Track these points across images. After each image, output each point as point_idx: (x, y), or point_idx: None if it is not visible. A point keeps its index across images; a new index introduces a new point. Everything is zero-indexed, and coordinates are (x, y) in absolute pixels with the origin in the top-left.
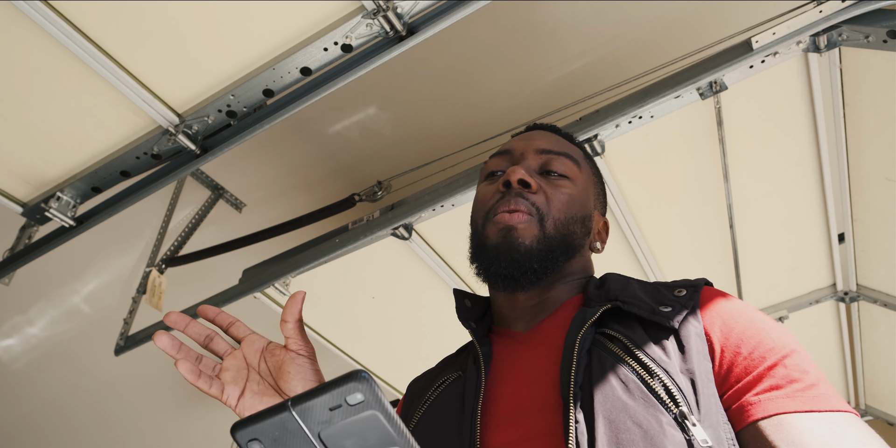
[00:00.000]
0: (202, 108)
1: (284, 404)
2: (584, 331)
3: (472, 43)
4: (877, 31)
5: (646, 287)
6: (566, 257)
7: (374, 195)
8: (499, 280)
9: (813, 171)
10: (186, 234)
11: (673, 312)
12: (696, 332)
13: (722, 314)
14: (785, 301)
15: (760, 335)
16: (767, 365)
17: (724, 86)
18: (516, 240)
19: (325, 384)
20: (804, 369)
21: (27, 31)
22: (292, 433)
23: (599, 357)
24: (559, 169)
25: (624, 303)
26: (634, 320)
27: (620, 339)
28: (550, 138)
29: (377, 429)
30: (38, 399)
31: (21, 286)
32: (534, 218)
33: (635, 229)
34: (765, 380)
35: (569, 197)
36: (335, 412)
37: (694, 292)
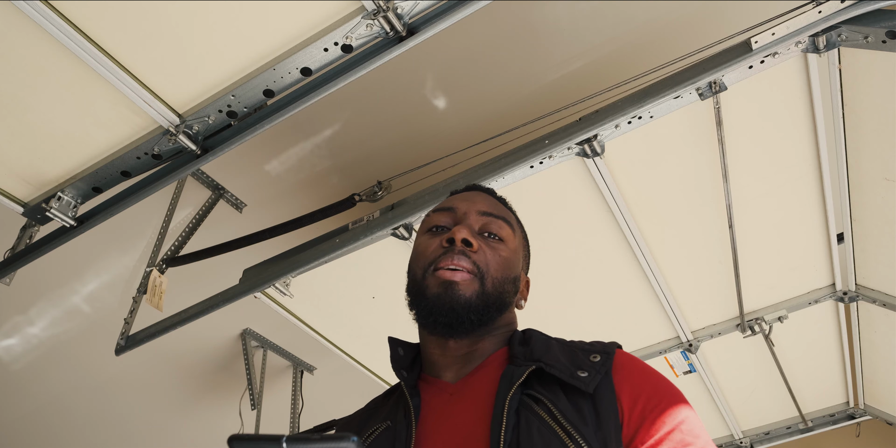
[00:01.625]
0: (203, 109)
1: (280, 438)
2: (513, 391)
3: (472, 43)
4: (876, 32)
5: (564, 348)
6: (499, 312)
7: (374, 195)
8: (437, 327)
9: (812, 171)
10: (187, 234)
11: (589, 378)
12: (609, 398)
13: (630, 380)
14: (784, 301)
15: (663, 402)
16: (667, 430)
17: (724, 86)
18: (457, 293)
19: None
20: (696, 434)
21: (27, 31)
22: None
23: (527, 418)
24: (498, 232)
25: (547, 365)
26: (555, 382)
27: (545, 402)
28: (490, 201)
29: None
30: (38, 399)
31: (22, 286)
32: (475, 276)
33: (635, 229)
34: (664, 443)
35: (504, 259)
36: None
37: (607, 359)
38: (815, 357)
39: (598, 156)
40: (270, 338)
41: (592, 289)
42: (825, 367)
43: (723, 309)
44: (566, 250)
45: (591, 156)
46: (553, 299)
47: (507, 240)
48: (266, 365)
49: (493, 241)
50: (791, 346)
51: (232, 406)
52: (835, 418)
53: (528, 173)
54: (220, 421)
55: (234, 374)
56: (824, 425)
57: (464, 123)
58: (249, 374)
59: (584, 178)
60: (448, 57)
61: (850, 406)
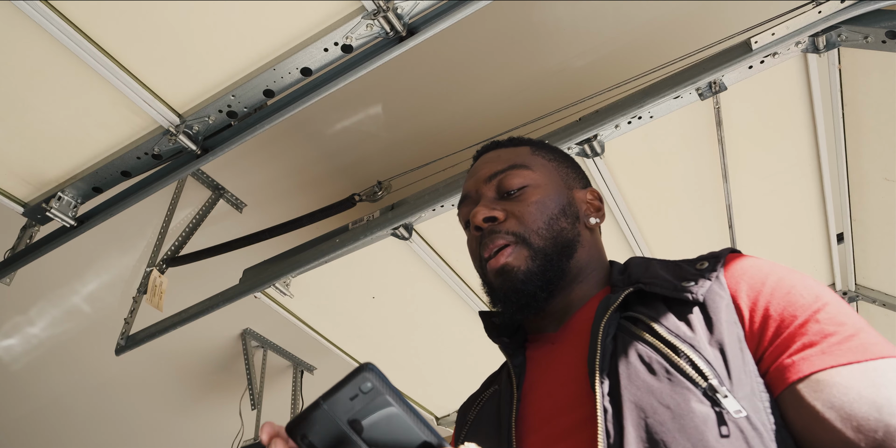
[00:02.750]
0: (203, 109)
1: (317, 403)
2: (608, 317)
3: (473, 43)
4: (876, 32)
5: (668, 265)
6: (567, 258)
7: (374, 195)
8: (519, 312)
9: (812, 171)
10: (187, 234)
11: (696, 286)
12: (724, 302)
13: (747, 278)
14: None
15: (789, 293)
16: (799, 322)
17: (724, 86)
18: (512, 271)
19: (342, 380)
20: (840, 321)
21: (27, 31)
22: (328, 423)
23: (624, 342)
24: (513, 184)
25: (646, 284)
26: (659, 300)
27: (644, 320)
28: (492, 159)
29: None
30: (38, 399)
31: (22, 286)
32: (517, 243)
33: (635, 229)
34: (798, 338)
35: (536, 204)
36: (355, 400)
37: (716, 262)
38: None
39: (598, 156)
40: (270, 338)
41: None
42: None
43: None
44: None
45: (591, 156)
46: None
47: (530, 181)
48: (266, 365)
49: (516, 194)
50: None
51: (232, 406)
52: None
53: None
54: (220, 421)
55: (234, 374)
56: None
57: (464, 123)
58: (249, 374)
59: None
60: (448, 57)
61: None
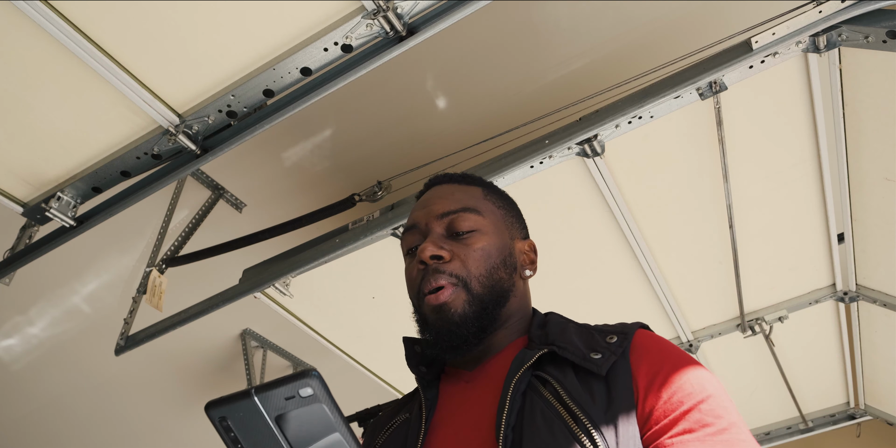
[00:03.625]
0: (202, 109)
1: (249, 392)
2: (521, 373)
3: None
4: (876, 32)
5: (582, 332)
6: (500, 306)
7: (374, 195)
8: (448, 353)
9: (813, 171)
10: (187, 234)
11: (602, 360)
12: (623, 379)
13: (648, 359)
14: (784, 301)
15: (681, 380)
16: (683, 410)
17: (724, 86)
18: (449, 312)
19: (282, 378)
20: (718, 414)
21: (27, 32)
22: (254, 415)
23: (531, 400)
24: (464, 226)
25: (559, 348)
26: (568, 365)
27: (553, 384)
28: (446, 196)
29: (322, 418)
30: (38, 399)
31: (21, 286)
32: (458, 286)
33: (635, 229)
34: (680, 423)
35: (481, 251)
36: (289, 401)
37: (624, 339)
38: (815, 357)
39: (599, 156)
40: (270, 338)
41: (592, 289)
42: (825, 367)
43: (723, 309)
44: (566, 250)
45: (592, 156)
46: (553, 299)
47: (479, 227)
48: (266, 365)
49: (464, 237)
50: (791, 346)
51: None
52: (835, 418)
53: (529, 173)
54: None
55: (234, 375)
56: (824, 425)
57: (464, 123)
58: (249, 375)
59: (584, 178)
60: (448, 57)
61: (850, 406)
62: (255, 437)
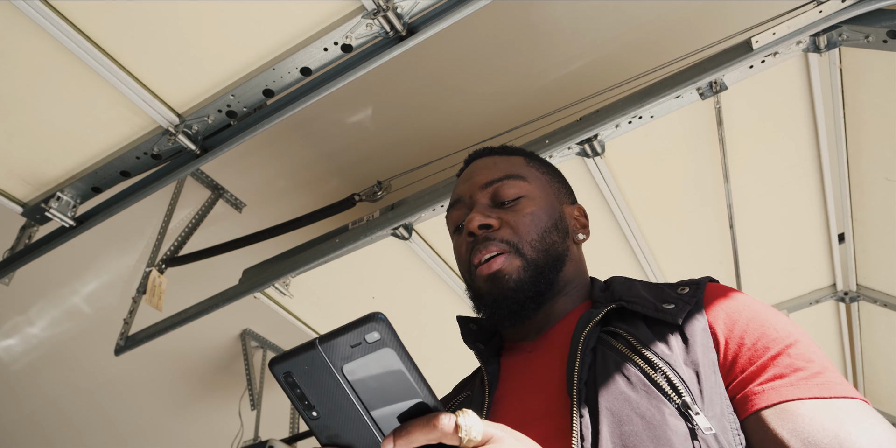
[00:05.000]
0: (202, 108)
1: (313, 342)
2: (589, 330)
3: (472, 43)
4: (877, 32)
5: (650, 287)
6: (556, 271)
7: (374, 195)
8: (506, 320)
9: (813, 171)
10: (186, 234)
11: (676, 309)
12: (701, 327)
13: (725, 307)
14: (785, 301)
15: (764, 326)
16: (771, 354)
17: (724, 86)
18: (504, 278)
19: (347, 324)
20: (809, 358)
21: (27, 32)
22: (319, 367)
23: (603, 354)
24: (510, 193)
25: (628, 302)
26: (639, 319)
27: (624, 335)
28: (488, 166)
29: (391, 365)
30: (38, 399)
31: (21, 286)
32: (511, 252)
33: (635, 229)
34: (769, 369)
35: (531, 215)
36: (356, 349)
37: (697, 289)
38: None
39: (599, 155)
40: (270, 338)
41: None
42: None
43: None
44: None
45: (592, 155)
46: None
47: (525, 192)
48: (266, 365)
49: (511, 205)
50: None
51: (232, 406)
52: None
53: None
54: (219, 421)
55: (233, 375)
56: None
57: (464, 123)
58: (249, 375)
59: (584, 178)
60: (448, 57)
61: None
62: (321, 390)
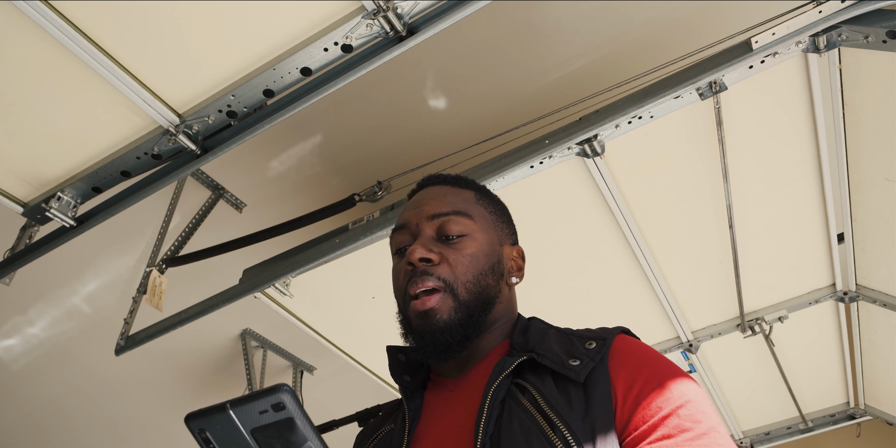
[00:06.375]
0: (202, 109)
1: (224, 405)
2: (500, 381)
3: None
4: (876, 32)
5: (562, 338)
6: (486, 313)
7: (374, 195)
8: (431, 356)
9: (813, 171)
10: (187, 234)
11: (580, 367)
12: (602, 384)
13: (627, 365)
14: (784, 301)
15: (661, 385)
16: (662, 415)
17: (724, 86)
18: (434, 317)
19: (256, 392)
20: (697, 419)
21: (27, 31)
22: (231, 428)
23: (510, 409)
24: (454, 230)
25: (539, 355)
26: (547, 371)
27: (531, 391)
28: (438, 197)
29: (295, 431)
30: (38, 399)
31: (21, 286)
32: (445, 291)
33: (635, 230)
34: (659, 429)
35: (471, 257)
36: (263, 415)
37: (603, 345)
38: (815, 357)
39: (598, 156)
40: (270, 338)
41: (592, 289)
42: (825, 367)
43: (723, 309)
44: (566, 250)
45: (591, 156)
46: (553, 299)
47: (469, 231)
48: (266, 365)
49: (454, 241)
50: (791, 346)
51: None
52: (835, 418)
53: (528, 173)
54: None
55: (234, 375)
56: (824, 425)
57: (464, 123)
58: (249, 375)
59: (584, 178)
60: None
61: (850, 406)
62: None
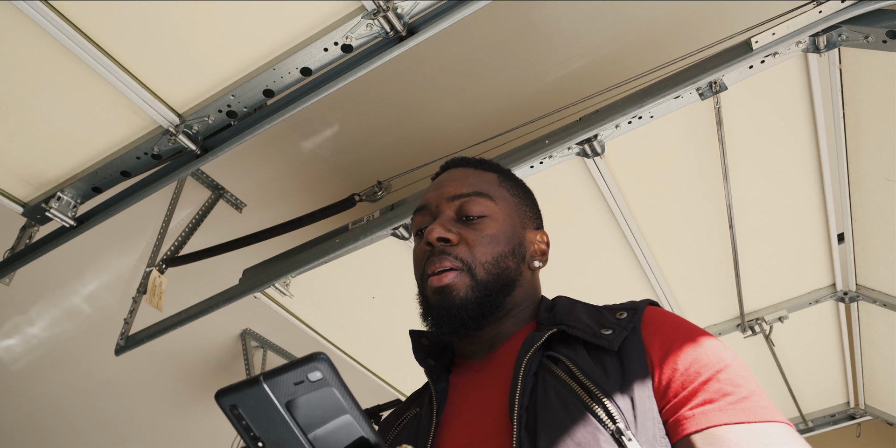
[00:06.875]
0: (202, 109)
1: (257, 378)
2: (531, 354)
3: (472, 43)
4: (876, 32)
5: (591, 311)
6: (505, 295)
7: (374, 195)
8: (448, 334)
9: (813, 171)
10: (187, 234)
11: (613, 335)
12: (637, 353)
13: (661, 333)
14: (784, 301)
15: (697, 352)
16: (702, 380)
17: (724, 86)
18: (450, 294)
19: (290, 363)
20: (737, 383)
21: (27, 32)
22: (264, 402)
23: (544, 380)
24: (475, 211)
25: (569, 326)
26: (579, 343)
27: (564, 361)
28: (460, 179)
29: (333, 401)
30: (38, 399)
31: (21, 286)
32: (463, 270)
33: (635, 230)
34: (699, 394)
35: (490, 237)
36: (299, 386)
37: (634, 314)
38: (815, 357)
39: (598, 156)
40: (270, 338)
41: (592, 288)
42: (825, 367)
43: (723, 309)
44: (566, 250)
45: (591, 156)
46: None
47: (491, 213)
48: (266, 365)
49: (474, 222)
50: (791, 346)
51: None
52: (835, 418)
53: (528, 173)
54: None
55: (234, 375)
56: (824, 425)
57: (464, 123)
58: (249, 375)
59: (584, 178)
60: (448, 57)
61: (850, 406)
62: (266, 423)
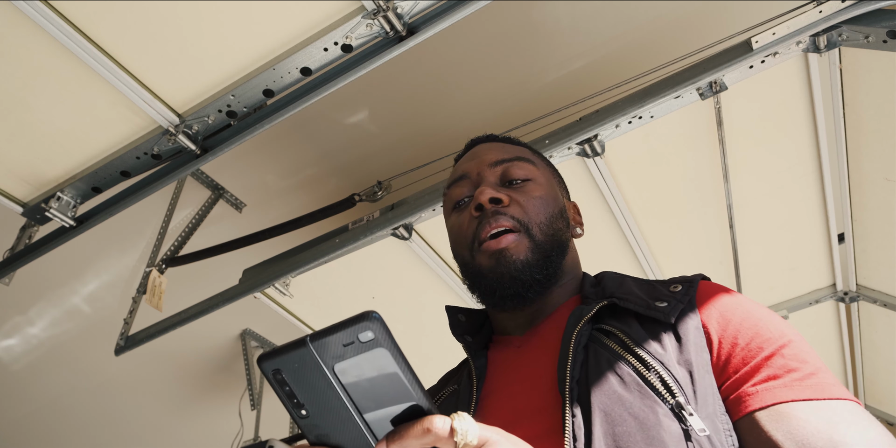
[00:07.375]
0: (202, 108)
1: (304, 340)
2: (581, 327)
3: (472, 43)
4: (877, 32)
5: (641, 284)
6: (561, 255)
7: (374, 195)
8: (507, 301)
9: (813, 171)
10: (187, 234)
11: (668, 308)
12: (694, 326)
13: (719, 307)
14: (785, 301)
15: (758, 326)
16: (765, 355)
17: (724, 86)
18: (510, 257)
19: (340, 322)
20: (802, 359)
21: (28, 32)
22: (310, 365)
23: (596, 352)
24: (520, 174)
25: (620, 299)
26: (631, 316)
27: (616, 333)
28: (497, 147)
29: (385, 365)
30: (38, 399)
31: (21, 286)
32: (521, 231)
33: (635, 229)
34: (762, 370)
35: (541, 199)
36: (348, 348)
37: (689, 287)
38: None
39: (599, 155)
40: (270, 338)
41: None
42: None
43: None
44: None
45: (592, 155)
46: None
47: (535, 176)
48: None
49: (519, 185)
50: None
51: (232, 406)
52: None
53: None
54: (219, 421)
55: (233, 375)
56: None
57: (464, 123)
58: (249, 375)
59: (584, 178)
60: (448, 57)
61: None
62: (311, 389)
